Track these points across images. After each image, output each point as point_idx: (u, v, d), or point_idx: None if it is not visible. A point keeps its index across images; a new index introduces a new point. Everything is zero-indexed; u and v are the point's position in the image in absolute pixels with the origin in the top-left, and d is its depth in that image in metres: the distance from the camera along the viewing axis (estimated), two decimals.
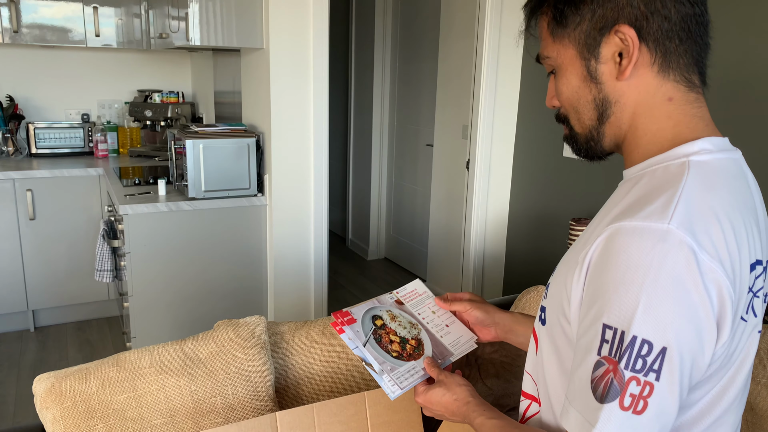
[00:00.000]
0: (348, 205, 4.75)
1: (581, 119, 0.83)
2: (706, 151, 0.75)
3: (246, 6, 2.50)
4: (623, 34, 0.75)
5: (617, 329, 0.67)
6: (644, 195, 0.73)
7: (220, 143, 2.52)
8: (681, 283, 0.65)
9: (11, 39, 3.08)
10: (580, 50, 0.79)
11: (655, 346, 0.65)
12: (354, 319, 1.04)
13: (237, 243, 2.68)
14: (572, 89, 0.82)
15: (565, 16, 0.79)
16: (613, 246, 0.69)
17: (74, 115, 3.65)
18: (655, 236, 0.67)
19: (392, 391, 0.97)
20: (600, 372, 0.68)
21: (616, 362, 0.66)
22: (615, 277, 0.68)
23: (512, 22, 2.81)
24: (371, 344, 1.02)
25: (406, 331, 1.08)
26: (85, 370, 1.18)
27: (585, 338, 0.71)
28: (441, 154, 3.26)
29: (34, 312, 3.20)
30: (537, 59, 0.88)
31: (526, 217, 2.95)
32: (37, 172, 2.99)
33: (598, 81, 0.79)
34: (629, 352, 0.66)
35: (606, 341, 0.67)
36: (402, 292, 1.18)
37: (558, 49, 0.82)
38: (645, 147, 0.79)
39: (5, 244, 3.00)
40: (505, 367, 1.50)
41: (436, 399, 0.96)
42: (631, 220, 0.69)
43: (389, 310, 1.11)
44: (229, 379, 1.23)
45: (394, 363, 1.00)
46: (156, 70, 3.81)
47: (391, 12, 4.08)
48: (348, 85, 4.61)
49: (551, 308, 0.83)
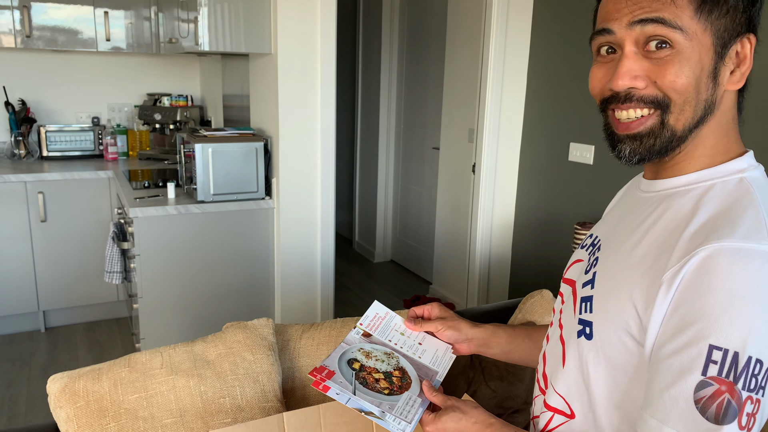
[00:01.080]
0: (355, 208, 4.78)
1: (684, 114, 0.75)
2: (752, 166, 0.77)
3: (254, 12, 2.53)
4: (751, 44, 0.73)
5: (728, 350, 0.67)
6: (721, 212, 0.73)
7: (229, 147, 2.55)
8: None
9: (23, 43, 3.13)
10: (715, 42, 0.73)
11: (765, 364, 0.67)
12: (332, 372, 0.98)
13: (245, 246, 2.71)
14: (695, 80, 0.73)
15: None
16: (716, 267, 0.68)
17: (84, 119, 3.69)
18: (761, 258, 0.68)
19: (402, 429, 0.92)
20: (707, 392, 0.67)
21: (732, 383, 0.66)
22: (722, 299, 0.67)
23: (519, 25, 2.83)
24: (360, 390, 0.96)
25: (385, 364, 1.03)
26: (98, 371, 1.21)
27: (678, 358, 0.70)
28: (447, 157, 3.28)
29: (45, 313, 3.25)
30: (635, 21, 0.72)
31: (532, 221, 2.96)
32: (49, 174, 3.04)
33: (717, 82, 0.74)
34: (746, 373, 0.66)
35: (713, 362, 0.67)
36: (365, 321, 1.12)
37: (696, 28, 0.72)
38: (698, 159, 0.78)
39: (17, 246, 3.05)
40: (509, 370, 1.52)
41: (452, 425, 0.91)
42: (730, 240, 0.69)
43: (360, 348, 1.06)
44: (238, 380, 1.25)
45: (390, 400, 0.96)
46: (165, 73, 3.85)
47: (398, 15, 4.11)
48: (355, 87, 4.64)
49: (604, 324, 0.80)
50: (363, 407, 0.93)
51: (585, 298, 0.85)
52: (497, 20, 2.79)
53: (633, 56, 0.74)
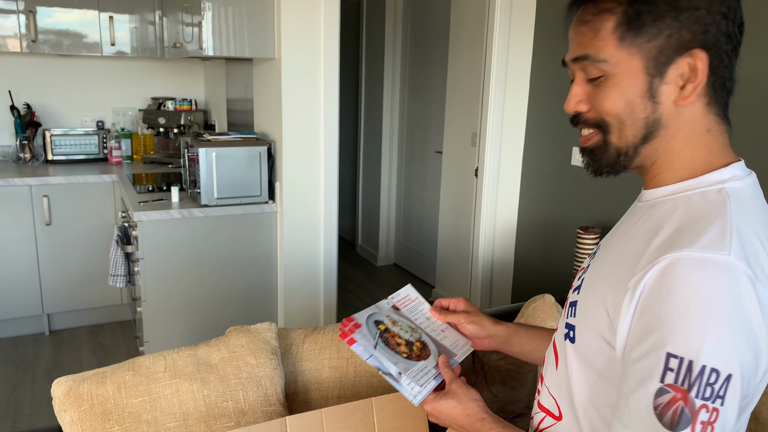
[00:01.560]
0: (358, 211, 4.79)
1: (624, 133, 0.79)
2: (737, 177, 0.77)
3: (258, 17, 2.54)
4: (697, 60, 0.74)
5: (683, 358, 0.68)
6: (689, 223, 0.74)
7: (233, 151, 2.57)
8: (744, 312, 0.68)
9: (29, 48, 3.15)
10: (647, 64, 0.75)
11: (722, 374, 0.67)
12: (359, 324, 1.05)
13: (248, 249, 2.72)
14: (626, 102, 0.77)
15: (643, 23, 0.74)
16: (674, 276, 0.70)
17: (89, 123, 3.71)
18: (718, 268, 0.69)
19: (413, 395, 0.95)
20: (665, 399, 0.69)
21: (686, 391, 0.68)
22: (679, 308, 0.69)
23: (522, 30, 2.84)
24: (381, 346, 1.02)
25: (408, 334, 1.09)
26: (102, 374, 1.22)
27: (641, 364, 0.71)
28: (450, 161, 3.29)
29: (49, 316, 3.26)
30: (571, 60, 0.81)
31: (535, 225, 2.97)
32: (53, 178, 3.06)
33: (656, 101, 0.76)
34: (699, 382, 0.67)
35: (670, 369, 0.69)
36: (396, 297, 1.18)
37: (620, 55, 0.76)
38: (676, 171, 0.80)
39: (22, 249, 3.06)
40: (511, 375, 1.53)
41: (446, 410, 0.95)
42: (690, 250, 0.70)
43: (389, 315, 1.12)
44: (241, 384, 1.26)
45: (406, 363, 1.00)
46: (169, 77, 3.87)
47: (401, 20, 4.12)
48: (358, 91, 4.65)
49: (584, 328, 0.83)
50: (381, 366, 0.98)
51: (572, 302, 0.88)
52: (500, 24, 2.79)
53: (580, 83, 0.81)
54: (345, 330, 1.01)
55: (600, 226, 2.53)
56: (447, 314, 1.14)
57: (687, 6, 0.73)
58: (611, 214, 2.50)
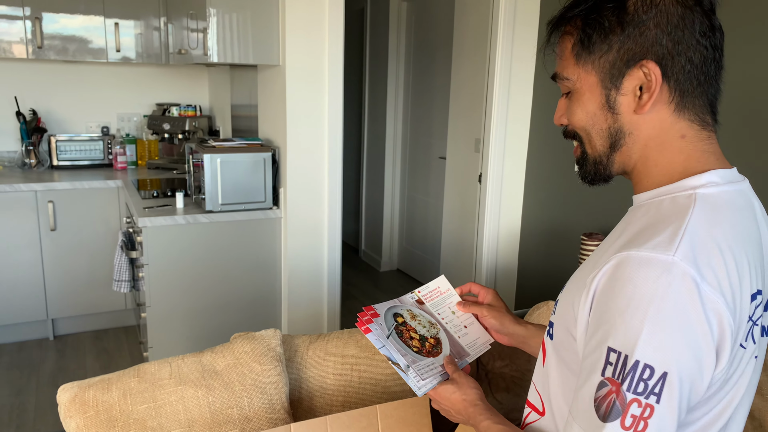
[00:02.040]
0: (361, 216, 4.79)
1: (593, 143, 0.85)
2: (712, 183, 0.78)
3: (263, 23, 2.56)
4: (648, 70, 0.77)
5: (621, 353, 0.70)
6: (650, 225, 0.76)
7: (237, 158, 2.58)
8: (683, 312, 0.69)
9: (35, 54, 3.17)
10: (602, 78, 0.80)
11: (657, 371, 0.68)
12: (377, 314, 1.10)
13: (252, 255, 2.72)
14: (588, 115, 0.83)
15: (593, 42, 0.80)
16: (621, 274, 0.72)
17: (94, 128, 3.73)
18: (660, 267, 0.70)
19: (418, 387, 1.00)
20: (603, 392, 0.71)
21: (619, 384, 0.70)
22: (621, 304, 0.71)
23: (525, 36, 2.85)
24: (394, 337, 1.06)
25: (425, 330, 1.12)
26: (107, 381, 1.23)
27: (590, 359, 0.74)
28: (453, 166, 3.29)
29: (54, 321, 3.27)
30: (553, 77, 0.88)
31: (538, 231, 2.97)
32: (58, 184, 3.07)
33: (615, 111, 0.81)
34: (632, 376, 0.69)
35: (610, 363, 0.71)
36: (424, 290, 1.21)
37: (579, 72, 0.82)
38: (654, 177, 0.82)
39: (27, 254, 3.07)
40: (515, 382, 1.52)
41: (446, 395, 1.00)
42: (638, 249, 0.72)
43: (410, 309, 1.16)
44: (246, 390, 1.26)
45: (414, 356, 1.05)
46: (174, 83, 3.89)
47: (405, 26, 4.13)
48: (362, 97, 4.66)
49: (559, 324, 0.86)
50: (392, 357, 1.03)
51: (556, 301, 0.91)
52: (503, 31, 2.80)
53: (562, 98, 0.88)
54: (363, 319, 1.06)
55: (603, 233, 2.53)
56: (472, 306, 1.19)
57: (632, 21, 0.77)
58: (614, 220, 2.50)
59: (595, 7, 0.79)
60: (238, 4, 2.51)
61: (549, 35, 0.86)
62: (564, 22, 0.84)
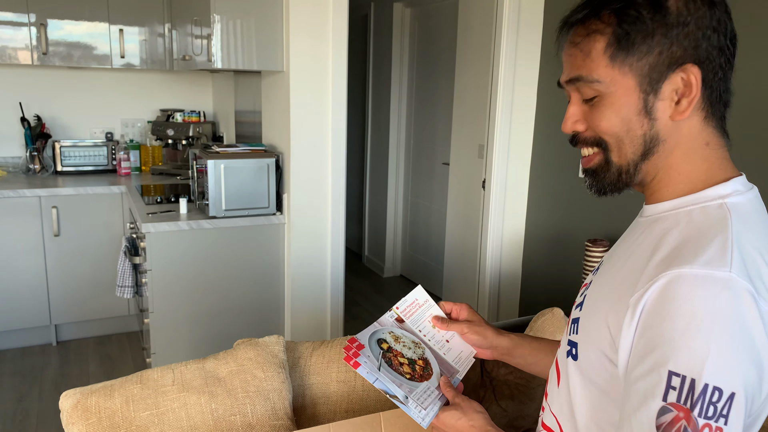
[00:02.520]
0: (364, 222, 4.79)
1: (623, 151, 0.80)
2: (738, 192, 0.77)
3: (267, 30, 2.56)
4: (690, 74, 0.74)
5: (686, 377, 0.67)
6: (692, 238, 0.73)
7: (241, 163, 2.58)
8: (747, 329, 0.67)
9: (40, 60, 3.18)
10: (640, 82, 0.76)
11: (725, 393, 0.67)
12: (362, 345, 1.04)
13: (256, 261, 2.72)
14: (623, 120, 0.78)
15: (633, 42, 0.75)
16: (676, 293, 0.69)
17: (98, 134, 3.74)
18: (719, 284, 0.68)
19: (422, 418, 0.96)
20: (668, 418, 0.68)
21: (689, 410, 0.67)
22: (680, 325, 0.68)
23: (529, 42, 2.85)
24: (384, 368, 1.02)
25: (411, 351, 1.08)
26: (110, 387, 1.22)
27: (643, 383, 0.71)
28: (457, 172, 3.29)
29: (57, 326, 3.27)
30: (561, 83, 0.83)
31: (543, 238, 2.96)
32: (62, 189, 3.07)
33: (653, 117, 0.77)
34: (702, 400, 0.67)
35: (673, 388, 0.68)
36: (402, 305, 1.16)
37: (614, 75, 0.77)
38: (675, 186, 0.80)
39: (30, 260, 3.08)
40: (520, 389, 1.51)
41: (450, 422, 0.96)
42: (690, 267, 0.70)
43: (391, 331, 1.11)
44: (249, 397, 1.25)
45: (410, 385, 1.01)
46: (178, 89, 3.90)
47: (408, 32, 4.14)
48: (365, 103, 4.67)
49: (587, 345, 0.82)
50: (388, 390, 0.99)
51: (574, 319, 0.87)
52: (507, 36, 2.80)
53: (576, 103, 0.82)
54: (349, 353, 1.01)
55: (608, 239, 2.51)
56: (450, 323, 1.14)
57: (676, 22, 0.73)
58: (619, 226, 2.49)
59: (633, 3, 0.74)
60: (243, 10, 2.52)
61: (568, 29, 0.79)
62: (593, 17, 0.77)
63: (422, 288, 1.20)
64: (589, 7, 0.78)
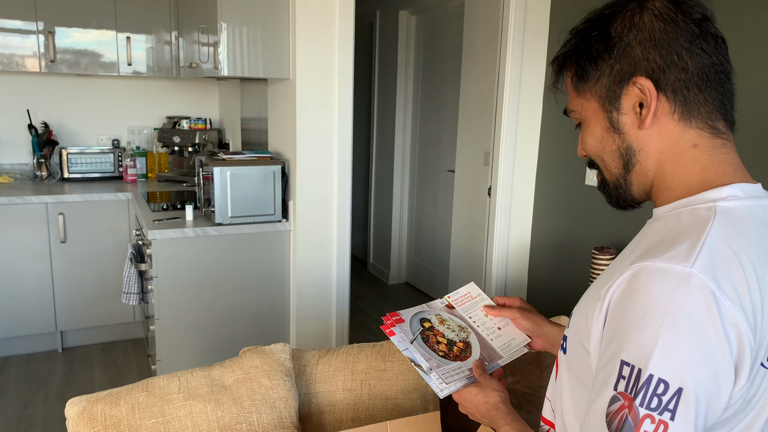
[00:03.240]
0: (369, 229, 4.79)
1: (608, 167, 0.86)
2: (734, 197, 0.77)
3: (273, 37, 2.57)
4: (641, 86, 0.78)
5: (634, 366, 0.68)
6: (669, 236, 0.75)
7: (247, 170, 2.58)
8: (700, 326, 0.67)
9: (47, 68, 3.20)
10: (602, 103, 0.83)
11: (671, 386, 0.67)
12: (402, 320, 1.10)
13: (261, 268, 2.72)
14: (597, 140, 0.85)
15: (586, 71, 0.83)
16: (636, 285, 0.71)
17: (105, 141, 3.75)
18: (677, 278, 0.68)
19: (440, 389, 1.01)
20: (615, 407, 0.69)
21: (632, 399, 0.68)
22: (635, 316, 0.69)
23: (534, 49, 2.85)
24: (418, 342, 1.07)
25: (454, 334, 1.12)
26: (116, 395, 1.22)
27: (603, 373, 0.73)
28: (462, 180, 3.28)
29: (62, 333, 3.27)
30: (565, 112, 0.91)
31: (549, 245, 2.95)
32: (69, 196, 3.08)
33: (620, 131, 0.82)
34: (645, 390, 0.67)
35: (623, 377, 0.69)
36: (454, 296, 1.22)
37: (581, 102, 0.86)
38: (673, 190, 0.81)
39: (37, 266, 3.08)
40: (527, 398, 1.50)
41: (468, 397, 1.02)
42: (654, 260, 0.71)
43: (438, 314, 1.16)
44: (255, 405, 1.25)
45: (440, 361, 1.05)
46: (184, 97, 3.91)
47: (414, 39, 4.15)
48: (371, 110, 4.68)
49: (572, 338, 0.85)
50: (414, 359, 1.05)
51: (571, 315, 0.91)
52: (513, 44, 2.80)
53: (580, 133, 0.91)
54: (387, 323, 1.07)
55: (615, 246, 2.50)
56: (502, 310, 1.21)
57: (616, 44, 0.79)
58: (626, 233, 2.48)
59: (583, 39, 0.83)
60: (249, 18, 2.53)
61: (555, 76, 0.90)
62: (561, 60, 0.88)
63: (475, 284, 1.26)
64: (559, 51, 0.89)
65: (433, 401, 1.45)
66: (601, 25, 0.81)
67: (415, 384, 1.44)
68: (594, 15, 0.83)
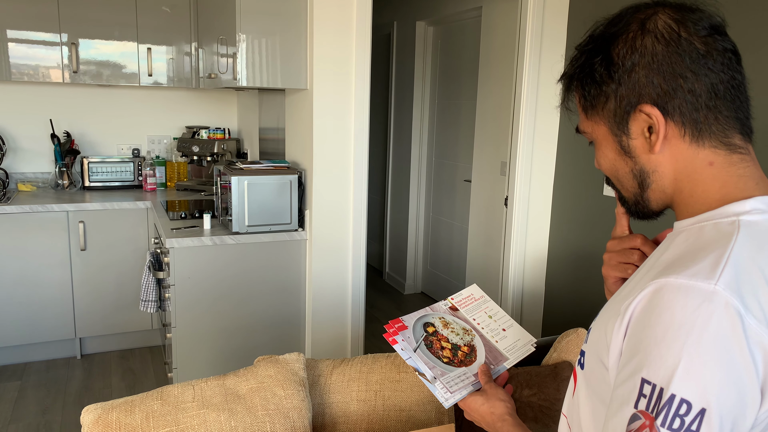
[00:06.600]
0: (385, 239, 4.78)
1: (624, 186, 0.86)
2: (757, 210, 0.75)
3: (291, 49, 2.59)
4: (648, 113, 0.77)
5: (656, 385, 0.67)
6: (692, 251, 0.73)
7: (264, 180, 2.60)
8: (724, 345, 0.65)
9: (71, 78, 3.26)
10: (610, 127, 0.82)
11: (694, 407, 0.65)
12: (405, 326, 1.08)
13: (277, 277, 2.73)
14: (610, 162, 0.85)
15: (593, 96, 0.82)
16: (658, 302, 0.69)
17: (125, 150, 3.81)
18: (701, 296, 0.67)
19: (445, 398, 1.00)
20: (636, 426, 0.68)
21: (653, 418, 0.66)
22: (657, 334, 0.68)
23: (552, 60, 2.83)
24: (422, 350, 1.05)
25: (458, 337, 1.10)
26: (131, 403, 1.22)
27: (622, 389, 0.71)
28: (479, 190, 3.27)
29: (81, 340, 3.31)
30: (577, 130, 0.90)
31: (566, 256, 2.92)
32: (90, 204, 3.13)
33: (631, 155, 0.81)
34: (666, 410, 0.66)
35: (644, 396, 0.68)
36: (457, 297, 1.20)
37: (591, 125, 0.85)
38: (693, 206, 0.79)
39: (57, 274, 3.13)
40: (544, 411, 1.48)
41: (474, 407, 1.01)
42: (677, 276, 0.69)
43: (442, 317, 1.14)
44: (268, 415, 1.25)
45: (444, 368, 1.04)
46: (203, 107, 3.96)
47: (431, 50, 4.16)
48: (387, 120, 4.69)
49: (590, 353, 0.84)
50: (418, 367, 1.03)
51: (589, 329, 0.89)
52: (530, 54, 2.80)
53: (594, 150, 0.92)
54: (389, 331, 1.06)
55: None
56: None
57: (619, 69, 0.78)
58: None
59: (586, 63, 0.82)
60: (268, 29, 2.56)
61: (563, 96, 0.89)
62: (567, 81, 0.87)
63: (477, 286, 1.24)
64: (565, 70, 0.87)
65: (448, 413, 1.44)
66: (604, 48, 0.80)
67: (430, 396, 1.43)
68: (597, 32, 0.82)
